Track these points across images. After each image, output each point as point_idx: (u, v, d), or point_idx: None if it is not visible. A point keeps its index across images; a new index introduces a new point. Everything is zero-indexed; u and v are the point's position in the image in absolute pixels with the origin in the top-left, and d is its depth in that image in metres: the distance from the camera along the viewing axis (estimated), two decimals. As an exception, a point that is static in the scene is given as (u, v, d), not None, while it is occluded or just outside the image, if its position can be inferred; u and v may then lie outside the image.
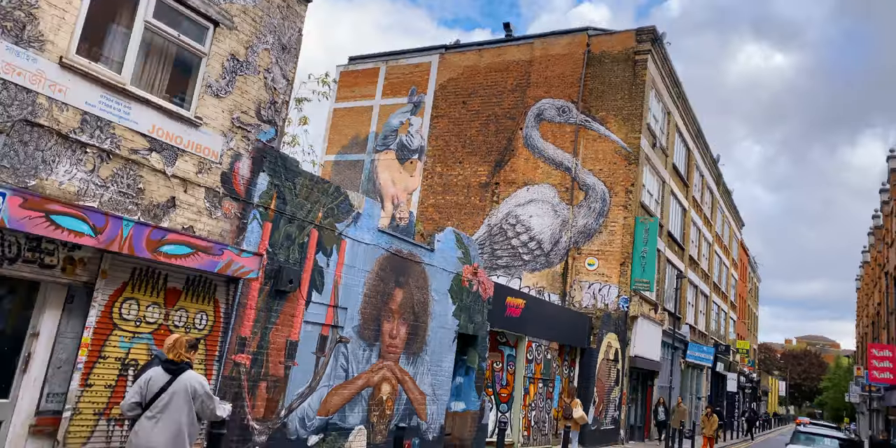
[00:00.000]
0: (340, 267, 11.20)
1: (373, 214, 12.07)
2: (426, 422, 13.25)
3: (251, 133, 9.74)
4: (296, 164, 10.50)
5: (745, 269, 58.29)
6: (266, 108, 10.04)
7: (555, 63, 27.68)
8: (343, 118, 32.31)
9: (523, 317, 17.16)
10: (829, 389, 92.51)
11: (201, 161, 8.93)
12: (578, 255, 24.78)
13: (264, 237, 9.80)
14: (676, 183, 31.42)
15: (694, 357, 33.36)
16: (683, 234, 33.16)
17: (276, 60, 10.27)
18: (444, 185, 28.40)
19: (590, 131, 26.16)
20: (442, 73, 30.27)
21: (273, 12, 10.28)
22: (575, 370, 21.07)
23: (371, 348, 11.88)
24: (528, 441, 17.74)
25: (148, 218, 8.15)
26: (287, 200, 10.23)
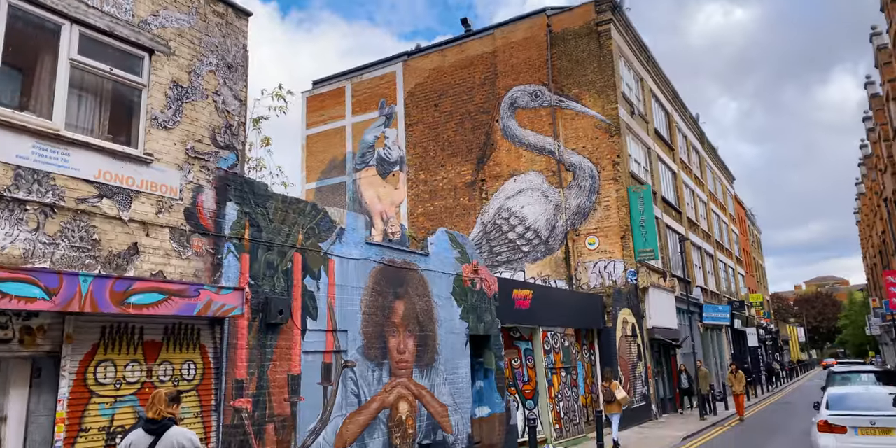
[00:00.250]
0: (332, 288, 10.47)
1: (357, 227, 11.33)
2: (452, 434, 12.55)
3: (210, 162, 8.99)
4: (264, 187, 9.76)
5: (743, 222, 57.69)
6: (221, 133, 9.29)
7: (519, 49, 26.93)
8: (317, 143, 31.54)
9: (533, 308, 16.46)
10: (848, 327, 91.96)
11: (160, 200, 8.18)
12: (577, 236, 24.08)
13: (244, 270, 9.07)
14: (661, 147, 30.72)
15: (711, 318, 32.70)
16: (678, 198, 32.47)
17: (223, 81, 9.52)
18: (431, 192, 27.66)
19: (566, 111, 25.43)
20: (408, 80, 29.47)
21: (212, 31, 9.52)
22: (595, 353, 20.39)
23: (380, 368, 11.16)
24: (560, 434, 17.06)
25: (109, 270, 7.41)
26: (262, 227, 9.49)
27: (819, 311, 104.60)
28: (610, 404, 17.37)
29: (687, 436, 19.50)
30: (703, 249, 36.57)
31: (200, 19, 9.35)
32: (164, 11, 8.80)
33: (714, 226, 41.81)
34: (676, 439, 18.70)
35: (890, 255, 40.44)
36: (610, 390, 17.25)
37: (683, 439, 18.95)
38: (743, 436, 19.97)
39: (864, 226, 60.68)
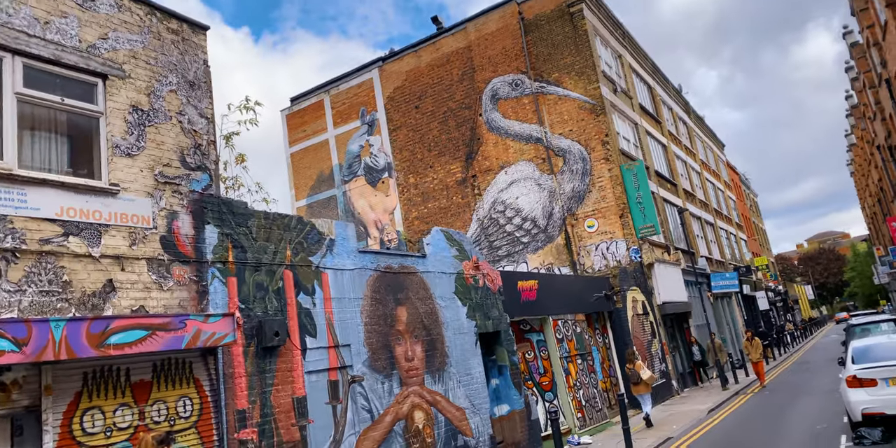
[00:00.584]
0: (329, 302, 9.95)
1: (347, 237, 10.80)
2: (473, 437, 12.03)
3: (182, 185, 8.45)
4: (243, 206, 9.22)
5: (738, 188, 57.10)
6: (191, 154, 8.75)
7: (494, 41, 26.33)
8: (302, 160, 30.93)
9: (540, 298, 15.94)
10: (855, 279, 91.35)
11: (132, 231, 7.65)
12: (576, 221, 23.52)
13: (232, 294, 8.54)
14: (648, 122, 30.13)
15: (720, 287, 32.18)
16: (671, 170, 31.91)
17: (187, 100, 8.97)
18: (423, 194, 27.07)
19: (548, 96, 24.86)
20: (386, 85, 28.82)
21: (168, 49, 8.96)
22: (608, 335, 19.88)
23: (389, 379, 10.65)
24: (584, 422, 16.56)
25: (85, 311, 6.89)
26: (246, 248, 8.96)
27: (824, 267, 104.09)
28: (637, 385, 16.97)
29: (713, 408, 19.05)
30: (702, 219, 36.02)
31: (154, 38, 8.80)
32: (113, 34, 8.25)
33: (710, 194, 41.26)
34: (702, 413, 18.24)
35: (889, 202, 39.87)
36: (635, 371, 16.88)
37: (709, 412, 18.49)
38: (768, 401, 19.50)
39: (860, 176, 60.09)
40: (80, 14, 7.92)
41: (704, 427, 16.39)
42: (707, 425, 16.59)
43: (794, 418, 15.95)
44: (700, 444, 14.46)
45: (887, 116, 29.73)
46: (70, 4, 7.84)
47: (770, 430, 14.99)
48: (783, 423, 15.63)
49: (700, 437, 15.28)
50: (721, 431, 15.56)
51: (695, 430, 16.07)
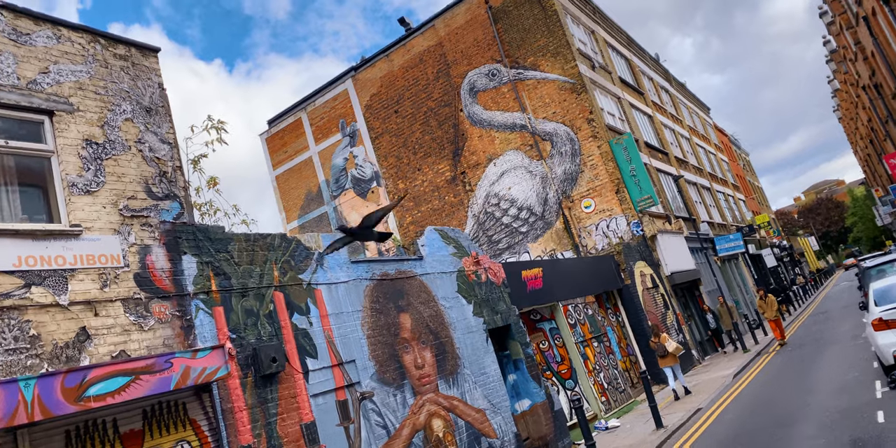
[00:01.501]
0: (326, 319, 9.35)
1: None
2: (497, 438, 11.44)
3: (151, 217, 7.86)
4: (221, 230, 8.62)
5: (729, 149, 56.32)
6: (156, 183, 8.14)
7: (464, 33, 25.61)
8: (288, 181, 30.19)
9: (546, 285, 15.33)
10: (857, 224, 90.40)
11: (102, 272, 7.07)
12: (572, 203, 22.86)
13: (220, 325, 7.95)
14: (631, 95, 29.42)
15: (725, 249, 31.51)
16: (660, 140, 31.20)
17: (145, 127, 8.36)
18: (414, 198, 26.35)
19: (527, 81, 24.17)
20: (362, 94, 28.05)
21: (118, 76, 8.35)
22: (621, 313, 19.27)
23: (401, 390, 10.05)
24: (609, 405, 15.98)
25: (59, 364, 6.31)
26: (229, 274, 8.37)
27: (824, 216, 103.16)
28: (664, 358, 16.53)
29: (737, 372, 18.46)
30: (698, 184, 35.34)
31: (101, 66, 8.19)
32: (55, 67, 7.64)
33: (703, 159, 40.56)
34: (728, 378, 17.65)
35: (882, 140, 39.07)
36: (661, 344, 16.45)
37: (735, 377, 17.90)
38: (792, 357, 18.86)
39: (848, 121, 59.21)
40: (16, 50, 7.31)
41: (733, 393, 15.81)
42: (735, 390, 16.01)
43: (823, 370, 15.33)
44: (731, 410, 13.87)
45: (869, 55, 28.96)
46: (3, 40, 7.23)
47: (800, 385, 14.38)
48: (812, 376, 15.01)
49: (730, 403, 14.70)
50: (750, 395, 14.97)
51: (723, 398, 15.49)
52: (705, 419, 13.95)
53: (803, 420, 11.29)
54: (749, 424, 12.22)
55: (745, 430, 11.80)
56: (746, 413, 13.25)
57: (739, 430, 11.96)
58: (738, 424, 12.46)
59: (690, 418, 14.38)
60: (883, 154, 39.44)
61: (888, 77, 26.22)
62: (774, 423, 11.69)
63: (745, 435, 11.50)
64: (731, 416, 13.51)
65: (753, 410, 13.30)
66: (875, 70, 29.57)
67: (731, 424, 12.65)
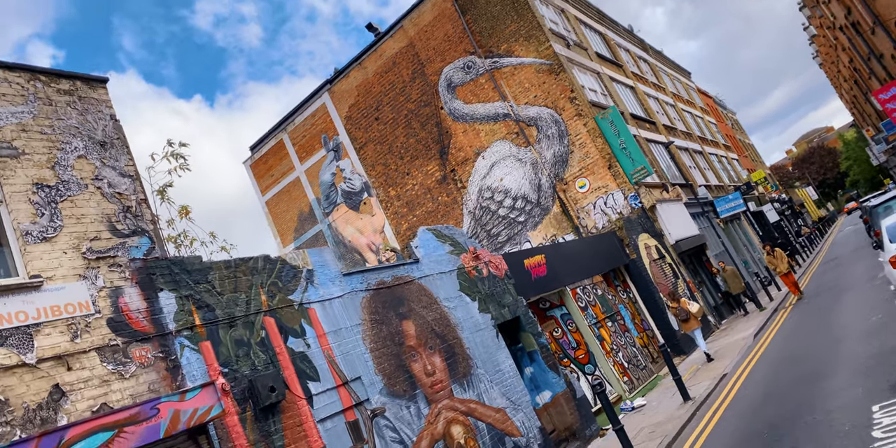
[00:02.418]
0: (324, 338, 8.74)
1: (326, 263, 9.57)
2: (522, 435, 10.83)
3: (119, 256, 7.25)
4: (198, 261, 8.00)
5: (715, 111, 55.41)
6: (121, 219, 7.53)
7: (433, 30, 24.84)
8: (278, 205, 29.37)
9: (551, 271, 14.69)
10: (852, 167, 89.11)
11: (71, 323, 6.47)
12: (566, 185, 22.13)
13: (209, 360, 7.35)
14: (610, 68, 28.64)
15: (726, 210, 30.77)
16: (646, 110, 30.42)
17: (101, 162, 7.74)
18: (408, 204, 25.58)
19: (503, 69, 23.43)
20: (340, 106, 27.20)
21: (65, 113, 7.72)
22: (631, 289, 18.61)
23: (414, 401, 9.44)
24: (632, 384, 15.34)
25: (34, 428, 5.71)
26: (213, 305, 7.76)
27: (819, 165, 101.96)
28: (687, 322, 16.02)
29: (757, 332, 17.77)
30: (690, 149, 34.56)
31: (44, 105, 7.56)
32: (-6, 111, 7.02)
33: (691, 123, 39.75)
34: (748, 339, 16.99)
35: (866, 79, 38.13)
36: (682, 308, 15.95)
37: (755, 337, 17.22)
38: (810, 308, 18.11)
39: (829, 65, 58.14)
40: (-54, 98, 6.70)
41: (756, 353, 15.11)
42: (758, 350, 15.31)
43: (845, 317, 14.60)
44: (757, 372, 13.20)
45: (841, -7, 28.13)
46: (-69, 91, 6.62)
47: (824, 336, 13.67)
48: (835, 325, 14.29)
49: (755, 364, 14.01)
50: (774, 352, 14.29)
51: (748, 359, 14.80)
52: (732, 384, 13.31)
53: (835, 371, 10.61)
54: (779, 384, 11.56)
55: (776, 391, 11.15)
56: (774, 372, 12.58)
57: (770, 391, 11.30)
58: (767, 385, 11.81)
59: (717, 386, 13.75)
60: (869, 92, 38.44)
61: (864, 13, 25.33)
62: (805, 379, 11.01)
63: (777, 395, 10.85)
64: (759, 376, 12.85)
65: (781, 368, 12.62)
66: (850, 8, 28.66)
67: (760, 386, 12.00)
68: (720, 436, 10.53)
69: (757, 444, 9.09)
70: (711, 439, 10.66)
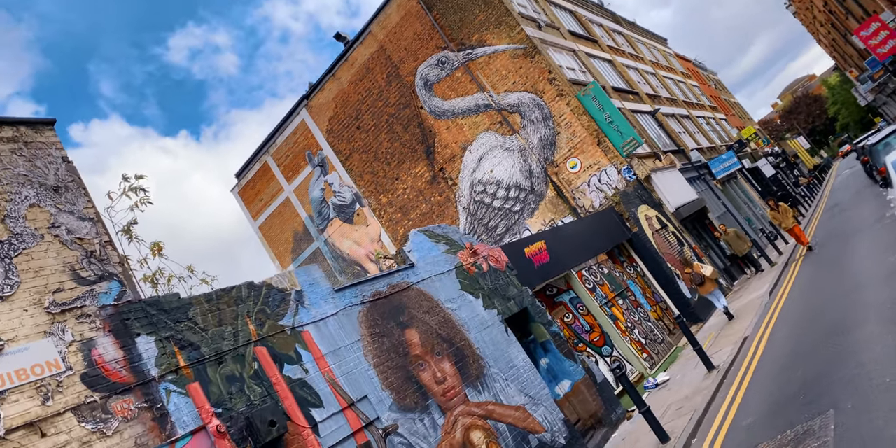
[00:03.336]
0: (323, 360, 8.12)
1: (315, 280, 8.94)
2: (546, 430, 10.19)
3: (87, 305, 6.64)
4: (175, 298, 7.38)
5: (696, 74, 54.38)
6: (85, 266, 6.91)
7: (402, 30, 24.05)
8: (272, 228, 28.55)
9: (553, 256, 14.02)
10: (840, 111, 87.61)
11: (40, 386, 5.86)
12: (557, 167, 21.37)
13: (199, 402, 6.74)
14: (585, 45, 27.82)
15: (722, 171, 29.95)
16: (627, 81, 29.59)
17: (56, 209, 7.13)
18: (401, 208, 24.78)
19: (478, 60, 22.66)
20: (319, 120, 26.35)
21: (11, 161, 7.10)
22: (638, 263, 17.90)
23: (427, 412, 8.82)
24: (652, 360, 14.68)
25: (9, 508, 5.13)
26: (197, 343, 7.15)
27: (806, 114, 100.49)
28: (703, 286, 15.50)
29: (771, 288, 17.03)
30: (676, 115, 33.71)
31: (-12, 156, 6.96)
32: (-69, 170, 6.42)
33: (674, 89, 38.87)
34: (764, 297, 16.26)
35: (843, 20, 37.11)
36: (696, 273, 15.41)
37: (771, 294, 16.49)
38: (822, 257, 17.29)
39: (804, 12, 56.88)
40: None
41: (775, 311, 14.35)
42: (776, 308, 14.56)
43: (859, 262, 13.82)
44: (780, 330, 12.49)
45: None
46: None
47: (843, 284, 12.89)
48: (851, 270, 13.50)
49: (776, 323, 13.26)
50: (794, 308, 13.55)
51: (767, 319, 14.04)
52: (755, 347, 12.60)
53: (861, 320, 9.90)
54: (804, 341, 10.85)
55: (803, 349, 10.44)
56: (796, 329, 11.86)
57: (796, 350, 10.59)
58: (792, 344, 11.10)
59: (740, 350, 13.06)
60: (848, 33, 37.37)
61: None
62: (831, 332, 10.30)
63: (804, 353, 10.15)
64: (781, 335, 12.15)
65: (803, 324, 11.90)
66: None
67: (785, 346, 11.29)
68: (752, 403, 9.86)
69: (793, 409, 8.41)
70: (743, 409, 9.98)
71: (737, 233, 20.87)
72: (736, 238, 20.65)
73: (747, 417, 9.40)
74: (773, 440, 7.99)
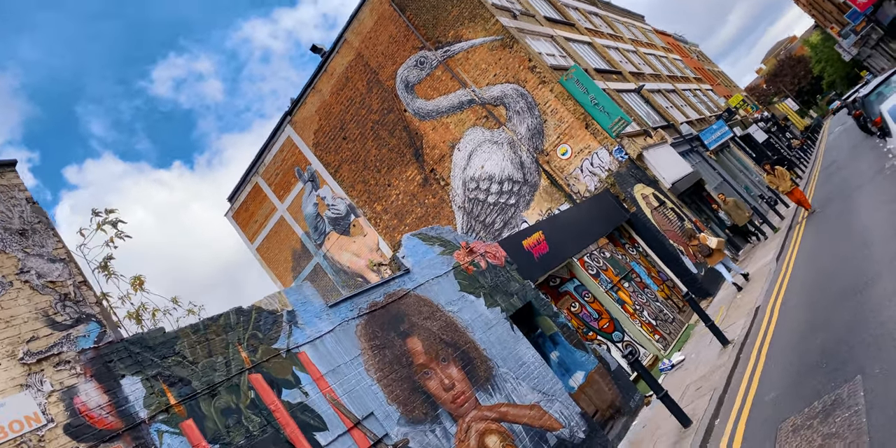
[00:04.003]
0: (322, 381, 7.69)
1: (307, 298, 8.51)
2: (564, 426, 9.73)
3: (65, 351, 6.22)
4: (160, 333, 6.96)
5: (678, 47, 53.62)
6: (59, 310, 6.50)
7: (378, 35, 23.47)
8: (270, 249, 27.93)
9: (553, 245, 13.55)
10: (825, 69, 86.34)
11: (20, 443, 5.45)
12: (548, 156, 20.81)
13: (195, 440, 6.32)
14: (563, 30, 27.25)
15: (714, 141, 29.36)
16: (608, 62, 29.00)
17: (24, 254, 6.71)
18: (396, 215, 24.17)
19: (457, 56, 22.13)
20: (305, 134, 25.69)
21: (-26, 210, 6.70)
22: (640, 243, 17.39)
23: (438, 422, 8.38)
24: (665, 341, 14.20)
25: None
26: (187, 377, 6.73)
27: (791, 75, 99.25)
28: (710, 256, 15.05)
29: (778, 254, 16.50)
30: (662, 90, 33.11)
31: (-53, 206, 6.54)
32: None
33: (657, 65, 38.24)
34: (771, 264, 15.72)
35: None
36: (702, 245, 15.01)
37: (777, 260, 15.96)
38: (826, 216, 16.65)
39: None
40: None
41: (784, 277, 13.78)
42: (785, 274, 14.00)
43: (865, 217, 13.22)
44: (792, 296, 11.94)
45: None
46: None
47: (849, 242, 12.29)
48: (858, 227, 12.90)
49: (787, 290, 12.71)
50: (803, 273, 13.00)
51: (777, 286, 13.49)
52: (769, 316, 12.08)
53: (875, 278, 9.37)
54: (819, 305, 10.33)
55: (819, 314, 9.93)
56: (809, 294, 11.32)
57: (812, 316, 10.07)
58: (806, 310, 10.58)
59: (753, 322, 12.55)
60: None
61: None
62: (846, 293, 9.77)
63: (821, 319, 9.63)
64: (794, 302, 11.62)
65: (815, 288, 11.35)
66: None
67: (800, 312, 10.77)
68: (773, 377, 9.36)
69: (818, 378, 7.92)
70: (765, 383, 9.48)
71: (736, 202, 20.31)
72: (735, 207, 20.08)
73: (770, 392, 8.92)
74: (800, 413, 7.52)
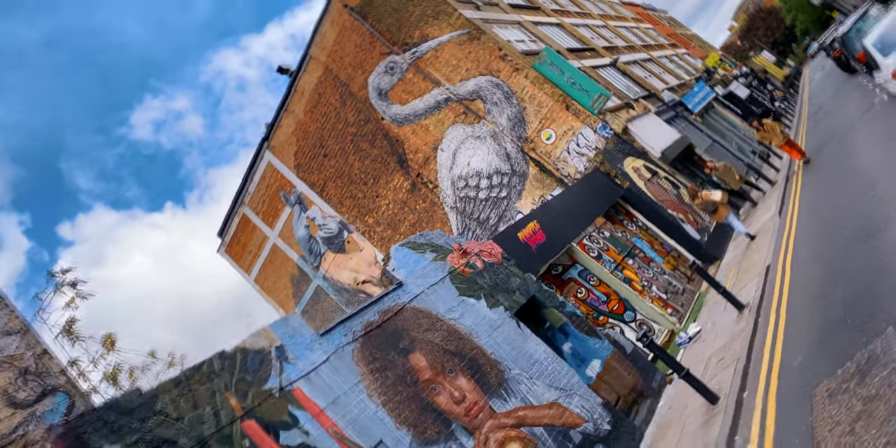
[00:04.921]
0: (322, 416, 7.02)
1: (297, 329, 7.83)
2: (587, 420, 9.00)
3: (32, 430, 5.58)
4: (136, 394, 6.29)
5: (647, 16, 52.51)
6: (21, 385, 5.87)
7: (343, 47, 22.59)
8: (267, 278, 26.96)
9: (549, 233, 12.80)
10: (797, 16, 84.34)
11: None
12: (532, 143, 19.94)
13: (188, 505, 5.69)
14: (529, 14, 26.40)
15: (697, 104, 28.39)
16: (580, 40, 28.11)
17: (-20, 330, 6.09)
18: (389, 225, 23.26)
19: (426, 56, 21.28)
20: (285, 158, 24.77)
21: (-80, 291, 6.08)
22: (638, 218, 16.62)
23: (453, 438, 7.69)
24: (678, 313, 13.44)
25: None
26: (171, 437, 6.07)
27: (764, 28, 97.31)
28: (716, 212, 14.29)
29: (779, 209, 15.67)
30: (638, 61, 32.17)
31: None
32: None
33: (629, 36, 37.30)
34: (774, 218, 14.91)
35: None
36: (706, 201, 14.24)
37: (780, 215, 15.15)
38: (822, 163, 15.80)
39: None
40: None
41: (790, 232, 12.93)
42: (790, 228, 13.16)
43: (863, 158, 12.40)
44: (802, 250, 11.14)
45: None
46: None
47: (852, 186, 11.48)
48: (858, 170, 12.09)
49: (795, 244, 11.86)
50: (809, 224, 12.20)
51: (784, 241, 12.65)
52: (781, 274, 11.28)
53: (886, 218, 8.60)
54: (832, 255, 9.53)
55: (834, 265, 9.14)
56: (820, 245, 10.53)
57: (827, 268, 9.28)
58: (820, 263, 9.79)
59: (766, 282, 11.76)
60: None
61: None
62: (859, 239, 8.97)
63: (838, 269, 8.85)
64: (805, 255, 10.83)
65: (825, 238, 10.57)
66: None
67: (813, 266, 9.99)
68: (797, 339, 8.60)
69: (845, 336, 7.16)
70: (789, 347, 8.71)
71: (726, 165, 19.44)
72: (727, 171, 19.20)
73: (796, 356, 8.16)
74: (833, 377, 6.76)
